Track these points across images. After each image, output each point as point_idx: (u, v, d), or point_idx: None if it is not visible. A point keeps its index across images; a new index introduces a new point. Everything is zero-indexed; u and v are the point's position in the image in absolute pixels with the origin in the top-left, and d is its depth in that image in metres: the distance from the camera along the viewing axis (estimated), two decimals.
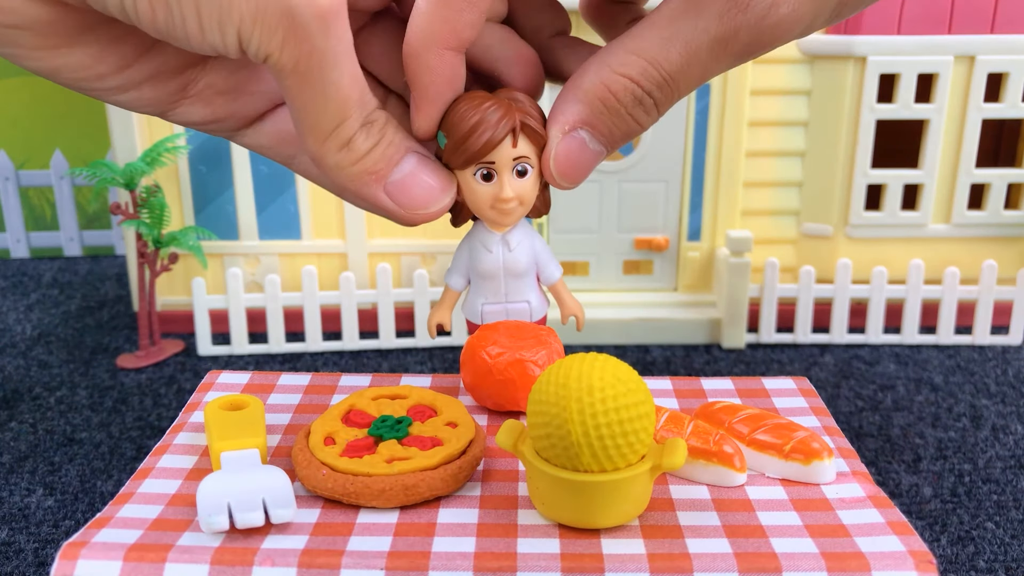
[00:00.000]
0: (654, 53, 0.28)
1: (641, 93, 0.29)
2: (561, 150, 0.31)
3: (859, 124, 0.66)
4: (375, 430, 0.30)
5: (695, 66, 0.28)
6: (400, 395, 0.33)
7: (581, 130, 0.30)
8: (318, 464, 0.29)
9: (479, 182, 0.32)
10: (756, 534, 0.26)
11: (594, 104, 0.30)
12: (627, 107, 0.30)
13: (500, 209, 0.33)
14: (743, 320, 0.67)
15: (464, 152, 0.31)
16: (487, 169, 0.32)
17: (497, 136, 0.31)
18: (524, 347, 0.33)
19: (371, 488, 0.28)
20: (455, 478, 0.28)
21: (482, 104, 0.31)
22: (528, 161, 0.32)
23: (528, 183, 0.32)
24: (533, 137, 0.31)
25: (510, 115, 0.31)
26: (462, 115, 0.31)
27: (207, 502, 0.26)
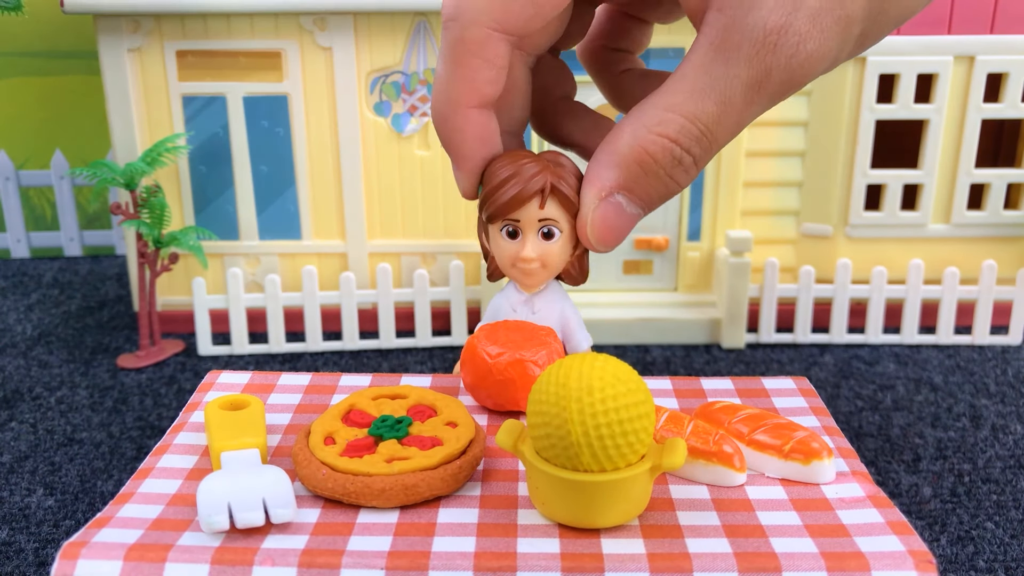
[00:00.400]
0: (690, 108, 0.28)
1: (680, 152, 0.28)
2: (598, 216, 0.30)
3: (859, 124, 0.66)
4: (375, 430, 0.30)
5: (731, 115, 0.28)
6: (400, 395, 0.33)
7: (618, 195, 0.30)
8: (318, 464, 0.29)
9: (504, 238, 0.32)
10: (756, 534, 0.26)
11: (631, 168, 0.29)
12: (666, 169, 0.29)
13: (521, 268, 0.32)
14: (743, 320, 0.67)
15: (491, 205, 0.31)
16: (512, 227, 0.32)
17: (525, 194, 0.31)
18: (524, 347, 0.33)
19: (371, 488, 0.28)
20: (455, 478, 0.28)
21: (519, 161, 0.31)
22: (556, 224, 0.32)
23: (555, 247, 0.32)
24: (563, 201, 0.31)
25: (543, 175, 0.31)
26: (497, 169, 0.31)
27: (207, 502, 0.26)
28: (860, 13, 0.27)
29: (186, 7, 0.63)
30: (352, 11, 0.65)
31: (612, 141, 0.29)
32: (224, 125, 0.68)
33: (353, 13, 0.65)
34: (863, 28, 0.27)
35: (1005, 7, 0.64)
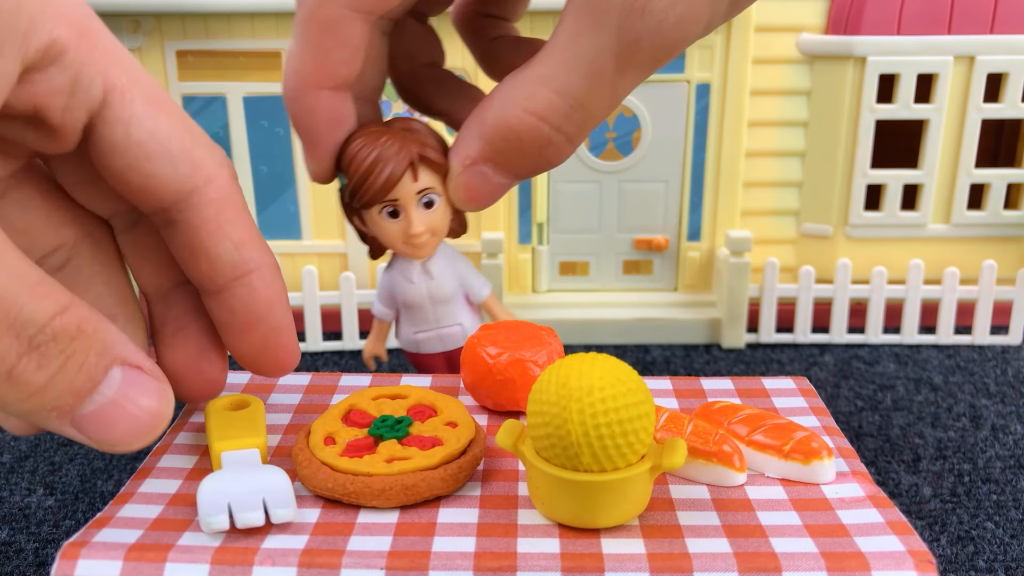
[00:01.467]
0: (559, 80, 0.26)
1: (549, 130, 0.27)
2: (462, 183, 0.29)
3: (859, 124, 0.66)
4: (375, 430, 0.30)
5: (603, 86, 0.26)
6: (400, 395, 0.33)
7: (482, 165, 0.29)
8: (318, 464, 0.29)
9: (387, 219, 0.32)
10: (756, 534, 0.26)
11: (496, 143, 0.28)
12: (534, 147, 0.27)
13: (412, 244, 0.32)
14: (743, 320, 0.67)
15: (365, 193, 0.31)
16: (392, 207, 0.31)
17: (396, 173, 0.30)
18: (524, 347, 0.33)
19: (371, 488, 0.28)
20: (455, 478, 0.28)
21: (377, 140, 0.30)
22: (433, 191, 0.32)
23: (437, 213, 0.32)
24: (434, 167, 0.31)
25: (407, 148, 0.30)
26: (357, 155, 0.30)
27: (207, 502, 0.26)
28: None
29: (187, 7, 0.63)
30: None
31: (481, 111, 0.28)
32: (224, 125, 0.69)
33: None
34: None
35: (1005, 7, 0.64)
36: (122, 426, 0.23)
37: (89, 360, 0.22)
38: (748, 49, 0.65)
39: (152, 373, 0.24)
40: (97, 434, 0.23)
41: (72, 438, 0.23)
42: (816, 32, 0.65)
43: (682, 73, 0.66)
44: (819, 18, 0.65)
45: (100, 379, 0.23)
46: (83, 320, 0.22)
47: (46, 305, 0.21)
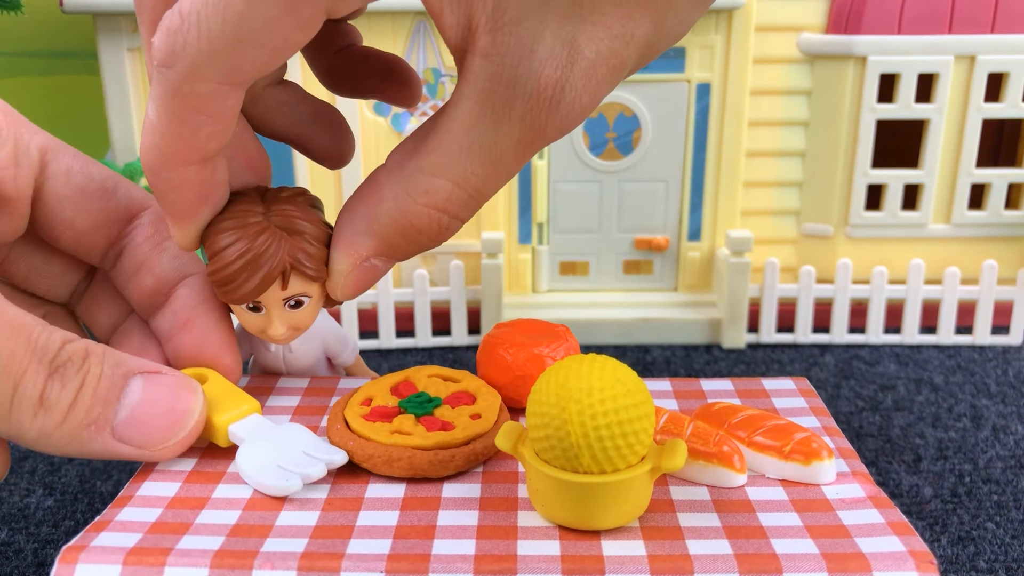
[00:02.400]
0: (457, 171, 0.25)
1: (448, 220, 0.26)
2: (351, 281, 0.28)
3: (859, 124, 0.66)
4: (405, 402, 0.31)
5: (501, 173, 0.26)
6: (453, 379, 0.34)
7: (374, 259, 0.28)
8: (340, 416, 0.30)
9: (246, 312, 0.29)
10: (756, 535, 0.26)
11: (392, 239, 0.27)
12: (431, 237, 0.27)
13: (271, 338, 0.30)
14: (743, 320, 0.67)
15: (228, 295, 0.28)
16: (255, 304, 0.29)
17: (264, 283, 0.28)
18: (541, 343, 0.34)
19: (363, 451, 0.29)
20: (444, 464, 0.29)
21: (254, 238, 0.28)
22: (303, 294, 0.29)
23: (305, 311, 0.30)
24: (307, 278, 0.29)
25: (279, 253, 0.28)
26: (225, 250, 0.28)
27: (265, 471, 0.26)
28: (633, 58, 0.24)
29: None
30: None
31: (371, 204, 0.27)
32: None
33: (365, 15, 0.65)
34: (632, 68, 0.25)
35: (1006, 7, 0.64)
36: (158, 424, 0.25)
37: (106, 372, 0.24)
38: (748, 49, 0.65)
39: (172, 375, 0.26)
40: (137, 438, 0.25)
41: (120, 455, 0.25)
42: (816, 32, 0.65)
43: (682, 73, 0.66)
44: (819, 18, 0.65)
45: (122, 387, 0.24)
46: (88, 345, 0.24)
47: (56, 336, 0.23)
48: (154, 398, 0.25)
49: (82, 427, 0.24)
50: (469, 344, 0.68)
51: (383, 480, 0.29)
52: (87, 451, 0.25)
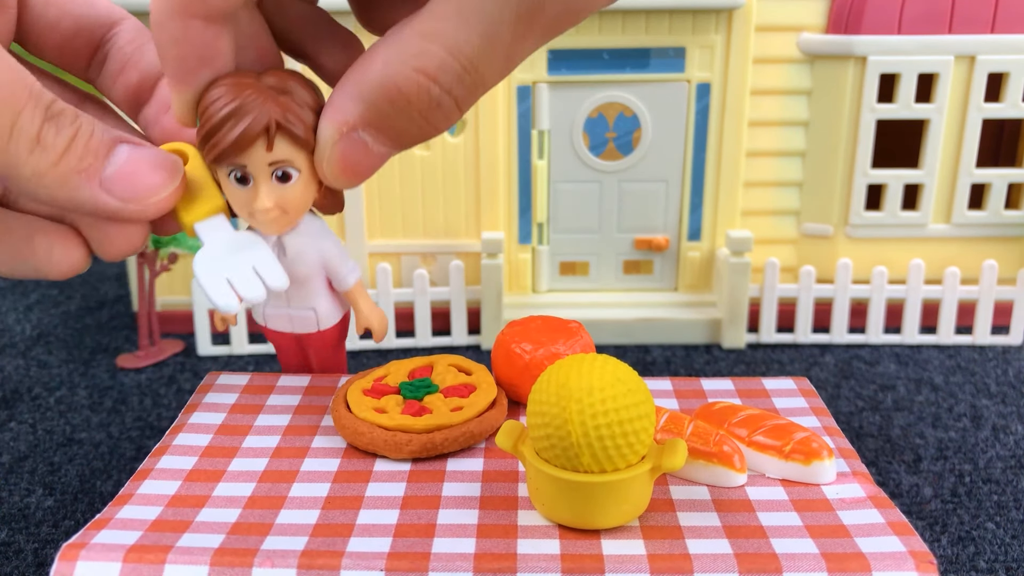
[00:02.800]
0: (452, 38, 0.24)
1: (439, 93, 0.25)
2: (337, 154, 0.27)
3: (859, 124, 0.66)
4: (404, 384, 0.33)
5: (499, 49, 0.24)
6: (467, 371, 0.34)
7: (362, 131, 0.26)
8: (345, 387, 0.33)
9: (234, 184, 0.28)
10: (756, 535, 0.26)
11: (380, 105, 0.25)
12: (421, 110, 0.25)
13: (257, 219, 0.29)
14: (743, 320, 0.67)
15: (211, 150, 0.27)
16: (241, 172, 0.28)
17: (246, 138, 0.27)
18: (557, 341, 0.34)
19: (340, 420, 0.31)
20: (398, 447, 0.30)
21: (240, 91, 0.27)
22: (290, 164, 0.28)
23: (294, 189, 0.28)
24: (295, 140, 0.27)
25: (266, 111, 0.27)
26: (213, 103, 0.27)
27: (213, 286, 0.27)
28: None
29: None
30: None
31: (361, 69, 0.25)
32: None
33: None
34: None
35: (1006, 7, 0.64)
36: (142, 181, 0.26)
37: (96, 132, 0.26)
38: (748, 49, 0.65)
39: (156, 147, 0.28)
40: (123, 191, 0.26)
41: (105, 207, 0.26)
42: (816, 32, 0.65)
43: (682, 73, 0.66)
44: (819, 18, 0.65)
45: (111, 147, 0.26)
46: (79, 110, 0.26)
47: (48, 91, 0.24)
48: (140, 158, 0.26)
49: (74, 172, 0.25)
50: (469, 344, 0.68)
51: (384, 479, 0.29)
52: (75, 198, 0.25)
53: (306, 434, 0.32)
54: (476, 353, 0.67)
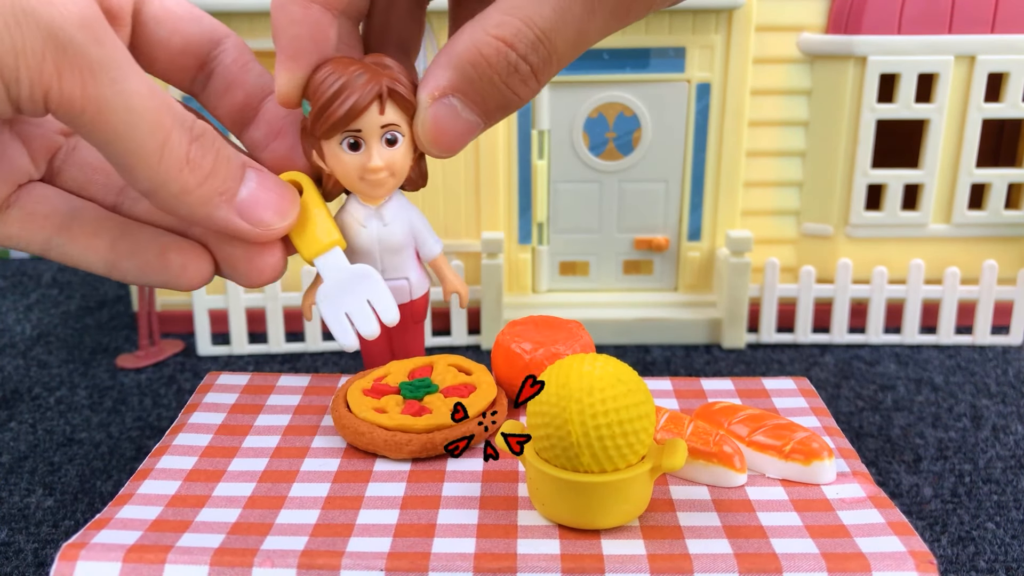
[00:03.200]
0: (527, 11, 0.27)
1: (516, 58, 0.27)
2: (430, 117, 0.29)
3: (859, 124, 0.66)
4: (404, 384, 0.33)
5: (570, 23, 0.27)
6: (467, 371, 0.34)
7: (452, 97, 0.29)
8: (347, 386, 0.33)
9: (346, 152, 0.31)
10: (756, 535, 0.26)
11: (465, 69, 0.28)
12: (501, 74, 0.28)
13: (369, 180, 0.31)
14: (743, 320, 0.67)
15: (328, 119, 0.30)
16: (354, 138, 0.31)
17: (363, 101, 0.30)
18: (557, 340, 0.34)
19: (341, 419, 0.31)
20: (398, 447, 0.30)
21: (347, 68, 0.30)
22: (398, 129, 0.31)
23: (399, 152, 0.31)
24: (402, 104, 0.30)
25: (376, 80, 0.30)
26: (325, 79, 0.30)
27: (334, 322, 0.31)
28: None
29: None
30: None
31: (450, 43, 0.28)
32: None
33: None
34: None
35: (1006, 7, 0.64)
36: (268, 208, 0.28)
37: (231, 155, 0.27)
38: (748, 49, 0.65)
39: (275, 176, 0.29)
40: (254, 216, 0.28)
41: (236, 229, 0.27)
42: (816, 32, 0.65)
43: (682, 73, 0.66)
44: (819, 17, 0.65)
45: (243, 172, 0.28)
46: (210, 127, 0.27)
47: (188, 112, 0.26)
48: (267, 186, 0.29)
49: (216, 193, 0.27)
50: (469, 344, 0.68)
51: (384, 479, 0.29)
52: (212, 217, 0.27)
53: (306, 434, 0.32)
54: (476, 353, 0.67)
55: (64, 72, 0.22)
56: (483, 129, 0.30)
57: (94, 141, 0.24)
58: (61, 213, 0.29)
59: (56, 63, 0.22)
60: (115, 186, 0.31)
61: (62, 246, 0.29)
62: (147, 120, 0.24)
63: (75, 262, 0.29)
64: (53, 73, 0.22)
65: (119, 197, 0.31)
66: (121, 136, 0.24)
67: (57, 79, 0.22)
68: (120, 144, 0.24)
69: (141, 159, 0.25)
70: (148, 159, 0.25)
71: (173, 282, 0.29)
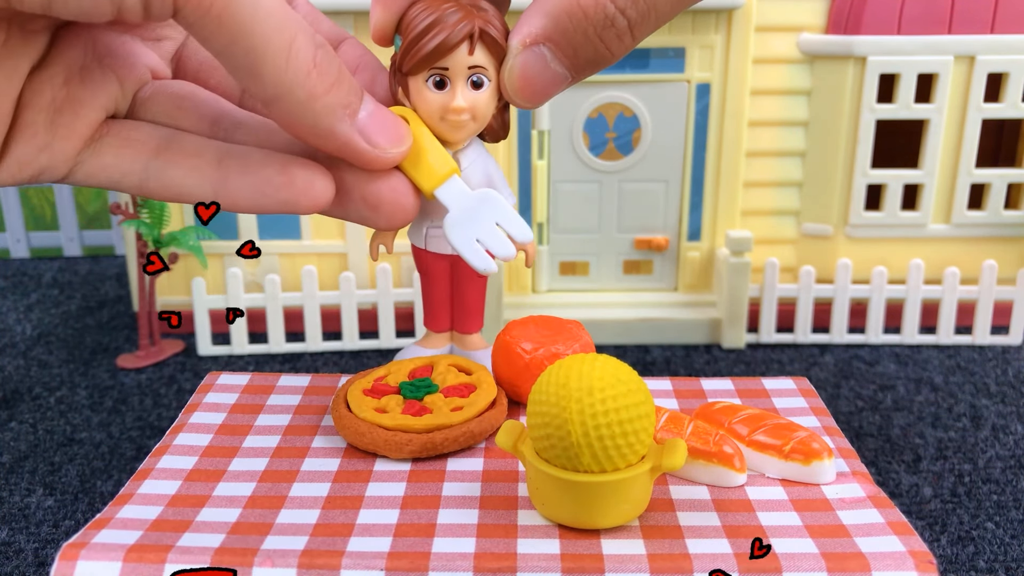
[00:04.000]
0: None
1: (614, 11, 0.26)
2: (519, 64, 0.28)
3: (859, 124, 0.66)
4: (405, 384, 0.33)
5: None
6: (467, 371, 0.34)
7: (543, 46, 0.28)
8: (347, 386, 0.33)
9: (431, 89, 0.30)
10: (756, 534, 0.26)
11: (559, 18, 0.27)
12: (597, 27, 0.27)
13: (450, 121, 0.31)
14: (743, 320, 0.67)
15: (416, 54, 0.29)
16: (440, 76, 0.30)
17: (453, 39, 0.29)
18: (557, 340, 0.34)
19: (342, 420, 0.31)
20: (398, 447, 0.30)
21: (441, 5, 0.29)
22: (485, 72, 0.30)
23: (483, 96, 0.30)
24: (492, 47, 0.30)
25: (469, 20, 0.29)
26: (418, 14, 0.29)
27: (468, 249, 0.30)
28: None
29: None
30: (353, 11, 0.65)
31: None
32: None
33: (353, 13, 0.65)
34: None
35: (1005, 7, 0.64)
36: (387, 131, 0.27)
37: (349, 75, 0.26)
38: (748, 49, 0.65)
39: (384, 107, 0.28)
40: (374, 136, 0.27)
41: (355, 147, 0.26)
42: (816, 32, 0.65)
43: (682, 73, 0.66)
44: (819, 18, 0.65)
45: (362, 92, 0.27)
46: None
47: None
48: (383, 111, 0.27)
49: (340, 105, 0.26)
50: None
51: (384, 479, 0.29)
52: (335, 131, 0.26)
53: (306, 434, 0.32)
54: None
55: None
56: (570, 83, 0.29)
57: (220, 41, 0.23)
58: (157, 137, 0.27)
59: None
60: (207, 116, 0.29)
61: (162, 170, 0.27)
62: (274, 16, 0.23)
63: (177, 188, 0.27)
64: None
65: (213, 128, 0.29)
66: (248, 32, 0.23)
67: None
68: (247, 40, 0.23)
69: (268, 58, 0.24)
70: (276, 58, 0.24)
71: (296, 200, 0.27)
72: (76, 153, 0.26)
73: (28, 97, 0.25)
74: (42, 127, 0.25)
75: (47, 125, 0.26)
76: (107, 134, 0.27)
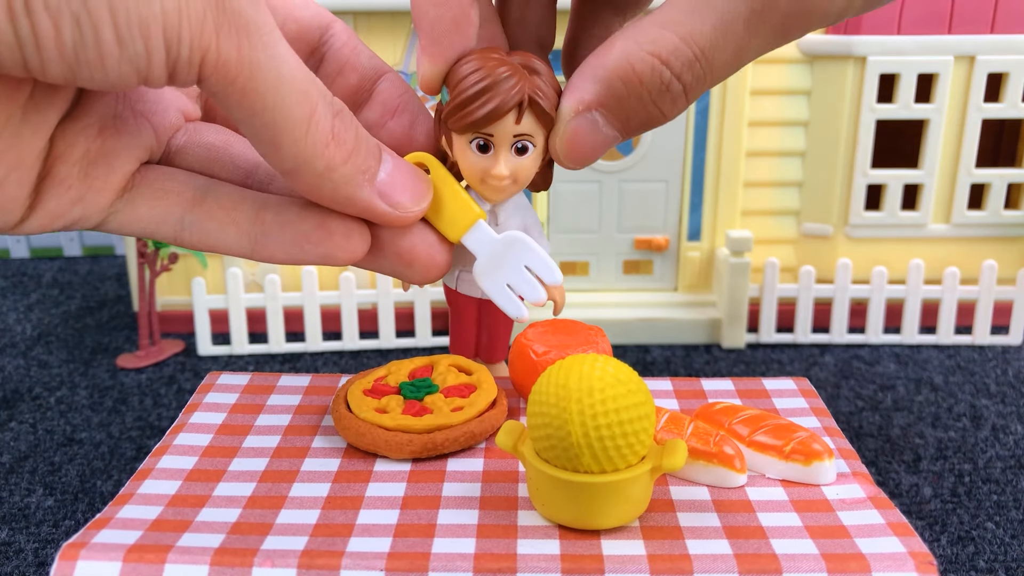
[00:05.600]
0: (686, 27, 0.25)
1: (670, 77, 0.26)
2: (570, 130, 0.28)
3: (859, 124, 0.66)
4: (405, 384, 0.33)
5: (730, 41, 0.25)
6: (468, 371, 0.34)
7: (596, 112, 0.27)
8: (347, 386, 0.33)
9: (474, 152, 0.30)
10: (756, 535, 0.26)
11: (613, 84, 0.27)
12: (652, 93, 0.26)
13: (490, 185, 0.30)
14: (743, 320, 0.67)
15: (464, 118, 0.29)
16: (484, 140, 0.30)
17: (502, 110, 0.29)
18: (572, 345, 0.34)
19: (342, 420, 0.31)
20: (399, 447, 0.30)
21: (494, 68, 0.28)
22: (531, 139, 0.30)
23: (527, 161, 0.30)
24: (541, 116, 0.29)
25: (520, 87, 0.29)
26: (468, 76, 0.29)
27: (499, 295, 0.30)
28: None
29: None
30: (352, 11, 0.65)
31: (600, 54, 0.27)
32: None
33: (353, 13, 0.65)
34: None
35: (1005, 7, 0.64)
36: (406, 190, 0.27)
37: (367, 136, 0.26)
38: None
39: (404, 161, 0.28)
40: (394, 197, 0.27)
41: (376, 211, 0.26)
42: (816, 32, 0.65)
43: None
44: None
45: (380, 153, 0.27)
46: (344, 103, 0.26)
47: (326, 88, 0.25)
48: (402, 169, 0.27)
49: (359, 172, 0.26)
50: None
51: (384, 479, 0.29)
52: (355, 198, 0.26)
53: (306, 434, 0.32)
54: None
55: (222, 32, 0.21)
56: (618, 143, 0.29)
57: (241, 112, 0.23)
58: (192, 188, 0.27)
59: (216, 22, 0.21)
60: (242, 167, 0.29)
61: (198, 224, 0.27)
62: (296, 90, 0.23)
63: (214, 241, 0.27)
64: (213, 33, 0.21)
65: (248, 178, 0.29)
66: (270, 106, 0.23)
67: (216, 40, 0.21)
68: (268, 115, 0.23)
69: (288, 132, 0.23)
70: (295, 131, 0.23)
71: (334, 254, 0.27)
72: (110, 204, 0.26)
73: (61, 149, 0.25)
74: (76, 180, 0.25)
75: (81, 177, 0.25)
76: (141, 183, 0.27)
